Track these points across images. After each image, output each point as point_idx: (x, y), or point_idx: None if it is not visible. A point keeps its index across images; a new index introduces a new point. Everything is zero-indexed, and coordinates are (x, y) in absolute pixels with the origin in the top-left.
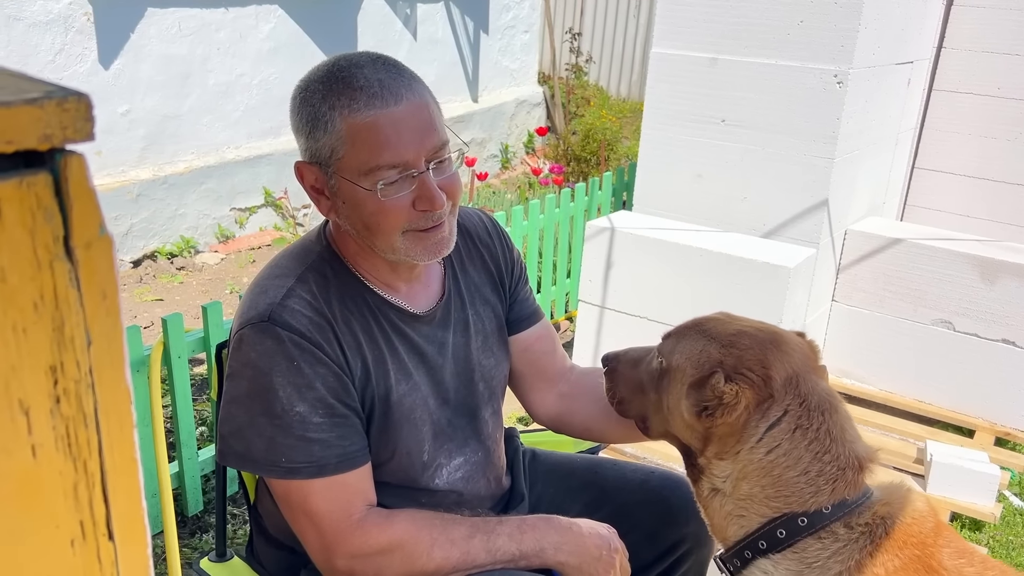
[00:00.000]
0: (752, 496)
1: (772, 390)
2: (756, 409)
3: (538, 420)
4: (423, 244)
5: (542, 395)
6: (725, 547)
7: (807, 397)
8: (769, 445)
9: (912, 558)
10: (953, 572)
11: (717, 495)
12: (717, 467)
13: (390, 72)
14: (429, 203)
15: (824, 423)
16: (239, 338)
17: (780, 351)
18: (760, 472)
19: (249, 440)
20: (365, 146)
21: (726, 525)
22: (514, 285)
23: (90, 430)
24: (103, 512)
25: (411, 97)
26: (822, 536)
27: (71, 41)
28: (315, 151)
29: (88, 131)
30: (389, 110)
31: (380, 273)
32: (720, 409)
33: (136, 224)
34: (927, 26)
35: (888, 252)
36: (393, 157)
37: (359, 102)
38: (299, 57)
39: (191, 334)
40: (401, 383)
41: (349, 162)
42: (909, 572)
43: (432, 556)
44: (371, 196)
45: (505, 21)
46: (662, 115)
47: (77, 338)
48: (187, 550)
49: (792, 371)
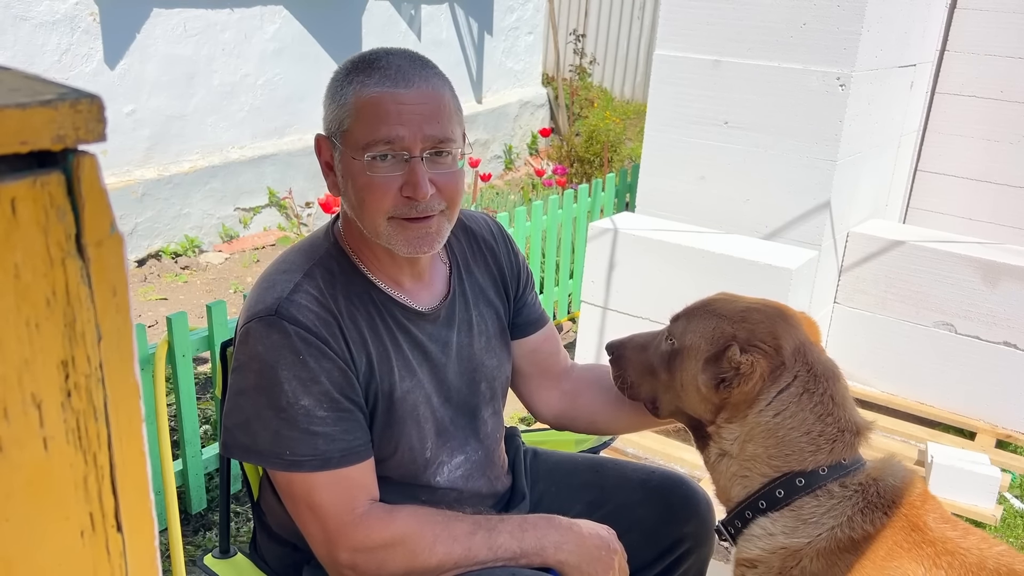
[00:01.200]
0: (756, 456)
1: (783, 358)
2: (770, 377)
3: (542, 419)
4: (405, 234)
5: (547, 394)
6: (728, 509)
7: (814, 365)
8: (777, 408)
9: (900, 516)
10: (938, 533)
11: (724, 458)
12: (727, 431)
13: (414, 63)
14: (412, 189)
15: (828, 388)
16: (246, 331)
17: (787, 323)
18: (766, 433)
19: (255, 432)
20: (366, 119)
21: (730, 486)
22: (520, 290)
23: (100, 424)
24: (112, 504)
25: (423, 86)
26: (818, 494)
27: (77, 41)
28: (329, 122)
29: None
30: (397, 90)
31: (384, 267)
32: (737, 379)
33: (141, 223)
34: (930, 29)
35: (890, 254)
36: (388, 132)
37: (372, 79)
38: (303, 58)
39: (195, 333)
40: (405, 380)
41: (352, 134)
42: (897, 529)
43: (434, 551)
44: (362, 169)
45: (509, 22)
46: (665, 117)
47: (88, 333)
48: (190, 547)
49: (799, 341)
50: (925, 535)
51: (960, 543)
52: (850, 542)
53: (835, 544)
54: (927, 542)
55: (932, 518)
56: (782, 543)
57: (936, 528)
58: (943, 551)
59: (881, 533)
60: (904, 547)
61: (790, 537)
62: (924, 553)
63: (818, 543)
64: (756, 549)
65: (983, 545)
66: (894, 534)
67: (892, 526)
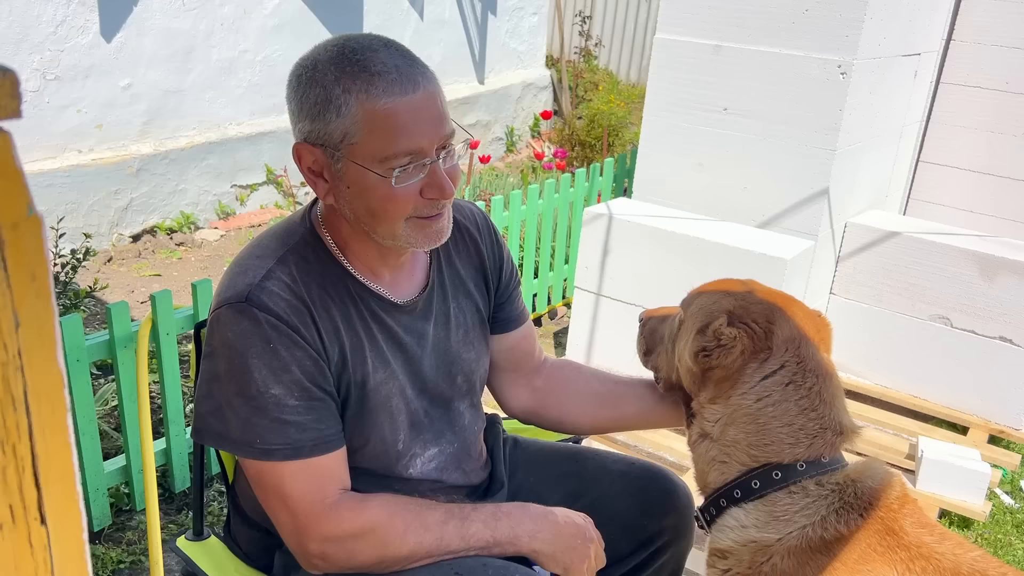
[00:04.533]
0: (736, 442)
1: (771, 343)
2: (753, 357)
3: (510, 413)
4: (424, 232)
5: (517, 389)
6: (705, 496)
7: (805, 359)
8: (760, 394)
9: (876, 519)
10: (913, 537)
11: (704, 440)
12: (708, 411)
13: (405, 59)
14: (439, 191)
15: (817, 385)
16: (216, 317)
17: (788, 313)
18: (747, 419)
19: (227, 419)
20: (383, 132)
21: (708, 471)
22: (504, 284)
23: (19, 413)
24: (34, 496)
25: (427, 85)
26: (792, 491)
27: (73, 13)
28: (322, 133)
29: (14, 108)
30: (408, 97)
31: (368, 259)
32: (717, 351)
33: (136, 199)
34: (936, 18)
35: (888, 246)
36: (410, 144)
37: (377, 87)
38: (304, 34)
39: (181, 311)
40: (378, 371)
41: (365, 148)
42: (872, 532)
43: (405, 541)
44: (383, 182)
45: (514, 3)
46: (664, 102)
47: (4, 320)
48: (173, 526)
49: (796, 334)
50: (900, 539)
51: (935, 548)
52: (822, 542)
53: (806, 543)
54: (901, 546)
55: (909, 522)
56: (753, 536)
57: (912, 532)
58: (917, 555)
59: (855, 535)
60: (878, 551)
61: (761, 531)
62: (898, 557)
63: (789, 541)
64: (728, 540)
65: (958, 550)
66: (868, 537)
67: (867, 529)
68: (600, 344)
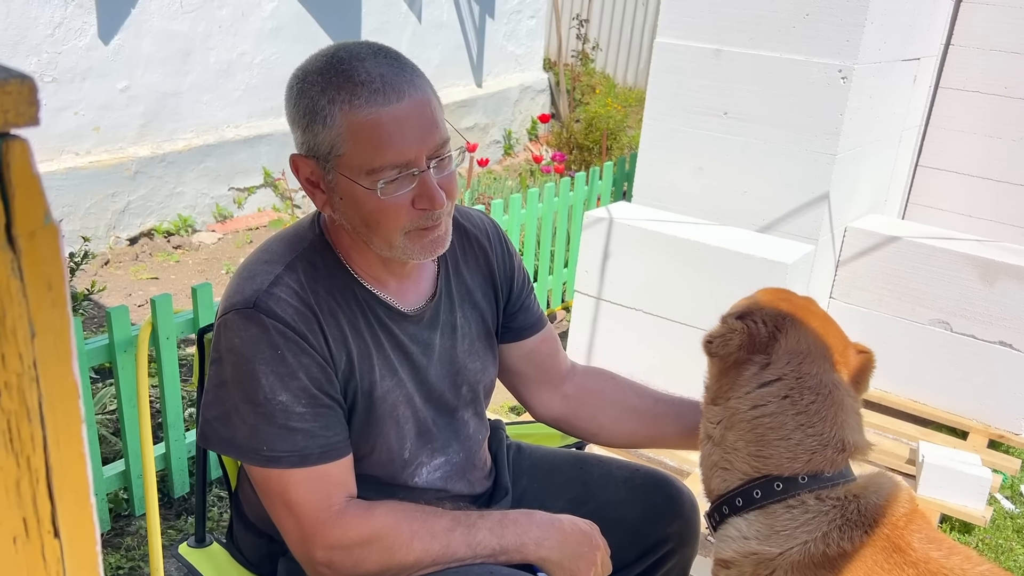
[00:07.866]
0: (736, 449)
1: (771, 349)
2: (751, 358)
3: (541, 420)
4: (421, 243)
5: (547, 396)
6: (710, 501)
7: (806, 377)
8: (755, 401)
9: (881, 536)
10: (920, 553)
11: (708, 442)
12: (710, 412)
13: (392, 66)
14: (429, 202)
15: (815, 403)
16: (223, 322)
17: (804, 330)
18: (745, 426)
19: (233, 426)
20: (367, 144)
21: (711, 476)
22: (517, 293)
23: (34, 425)
24: (48, 509)
25: (413, 93)
26: (792, 505)
27: (71, 15)
28: (313, 145)
29: (32, 115)
30: (391, 107)
31: (372, 268)
32: (718, 340)
33: (133, 201)
34: (935, 23)
35: (888, 250)
36: (395, 156)
37: (360, 98)
38: (302, 37)
39: (180, 315)
40: (386, 379)
41: (350, 160)
42: (877, 549)
43: (412, 548)
44: (371, 195)
45: (512, 6)
46: (664, 106)
47: (20, 330)
48: (172, 532)
49: (804, 349)
50: (907, 556)
51: (943, 563)
52: (825, 558)
53: (808, 559)
54: (909, 563)
55: (917, 538)
56: (754, 548)
57: (920, 548)
58: (925, 572)
59: (860, 552)
60: (884, 568)
61: (762, 544)
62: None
63: (791, 555)
64: (730, 551)
65: (967, 565)
66: (874, 554)
67: (872, 545)
68: (600, 348)
